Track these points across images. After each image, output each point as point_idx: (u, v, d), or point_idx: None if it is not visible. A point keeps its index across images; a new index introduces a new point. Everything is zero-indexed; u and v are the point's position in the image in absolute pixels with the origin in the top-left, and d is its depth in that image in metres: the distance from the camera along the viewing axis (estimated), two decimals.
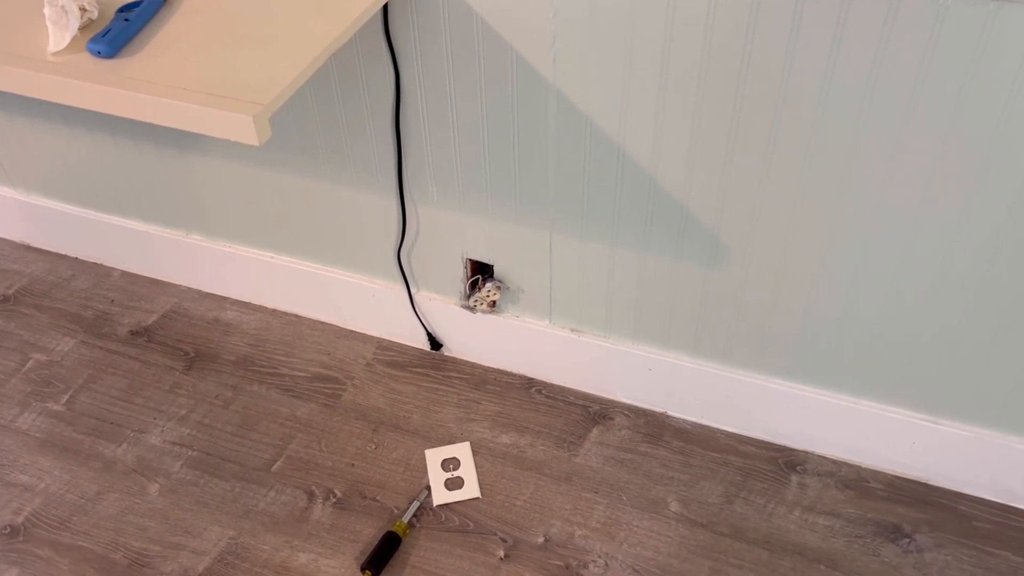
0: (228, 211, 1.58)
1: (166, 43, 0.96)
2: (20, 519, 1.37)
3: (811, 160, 1.10)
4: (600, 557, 1.29)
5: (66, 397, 1.55)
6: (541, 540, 1.32)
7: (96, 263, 1.81)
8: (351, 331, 1.64)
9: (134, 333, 1.66)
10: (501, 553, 1.30)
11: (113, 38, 0.93)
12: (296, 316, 1.68)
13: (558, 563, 1.29)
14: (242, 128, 0.86)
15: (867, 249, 1.16)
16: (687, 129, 1.13)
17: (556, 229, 1.32)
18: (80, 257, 1.82)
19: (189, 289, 1.74)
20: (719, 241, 1.23)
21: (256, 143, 0.86)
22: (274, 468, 1.42)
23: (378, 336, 1.63)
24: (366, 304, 1.59)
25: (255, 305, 1.71)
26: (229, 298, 1.72)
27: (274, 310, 1.70)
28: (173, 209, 1.63)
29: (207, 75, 0.91)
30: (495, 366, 1.56)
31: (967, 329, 1.19)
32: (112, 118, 1.53)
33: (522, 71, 1.16)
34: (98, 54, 0.92)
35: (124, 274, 1.78)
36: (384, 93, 1.26)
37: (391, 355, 1.60)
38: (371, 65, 1.24)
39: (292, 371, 1.58)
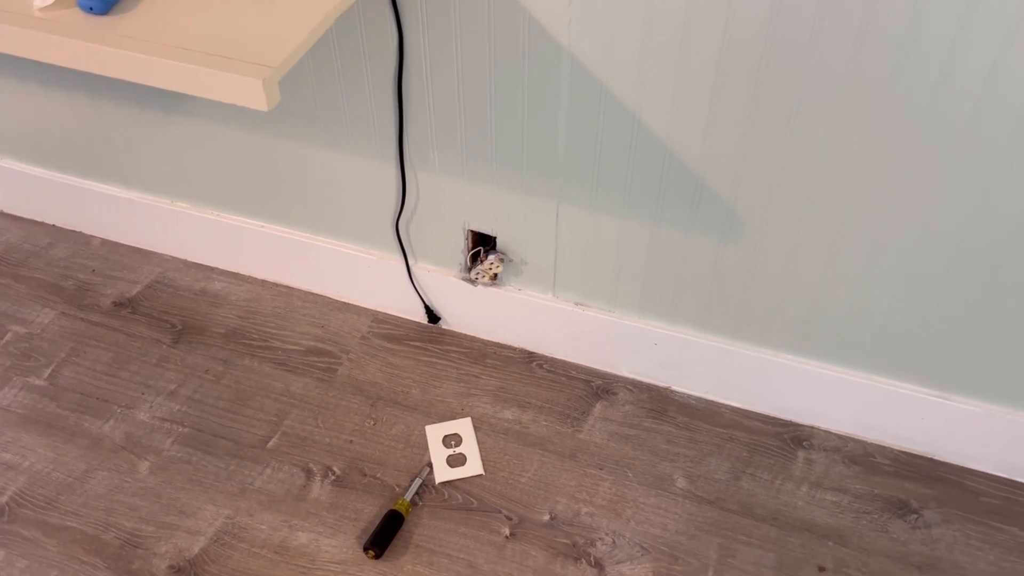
0: (216, 177, 1.51)
1: None
2: (4, 499, 1.31)
3: (834, 131, 1.06)
4: (607, 535, 1.27)
5: (48, 371, 1.48)
6: (547, 518, 1.29)
7: (75, 231, 1.74)
8: (345, 303, 1.59)
9: (118, 304, 1.60)
10: (506, 531, 1.27)
11: None
12: (287, 287, 1.63)
13: (565, 541, 1.26)
14: (250, 92, 0.80)
15: (886, 224, 1.13)
16: (707, 97, 1.08)
17: (564, 200, 1.28)
18: (58, 224, 1.75)
19: (174, 258, 1.68)
20: (734, 213, 1.19)
21: (265, 108, 0.80)
22: (269, 445, 1.38)
23: (373, 308, 1.58)
24: (361, 275, 1.54)
25: (243, 275, 1.65)
26: (216, 268, 1.66)
27: (263, 281, 1.64)
28: (157, 175, 1.56)
29: (209, 34, 0.85)
30: (495, 340, 1.53)
31: (984, 305, 1.17)
32: (91, 78, 1.45)
33: (535, 34, 1.10)
34: (90, 10, 0.86)
35: (105, 242, 1.71)
36: (386, 55, 1.20)
37: (387, 328, 1.55)
38: (373, 25, 1.18)
39: (285, 344, 1.53)
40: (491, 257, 1.39)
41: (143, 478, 1.34)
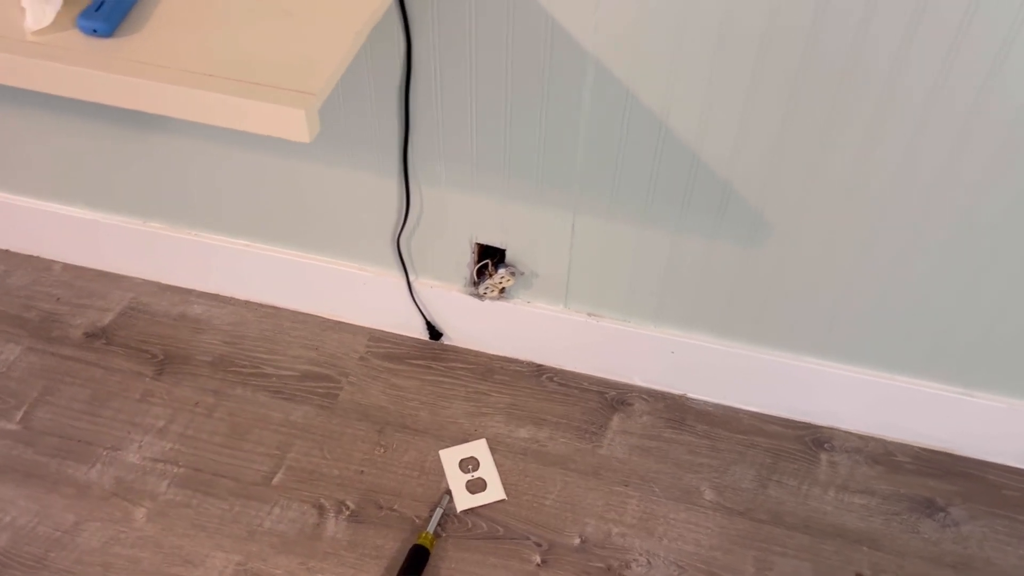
0: (194, 195, 1.41)
1: (173, 16, 0.80)
2: None
3: (871, 140, 1.03)
4: (641, 555, 1.23)
5: (20, 414, 1.36)
6: (577, 541, 1.24)
7: (32, 255, 1.60)
8: (337, 322, 1.51)
9: (90, 335, 1.48)
10: (537, 559, 1.22)
11: (109, 12, 0.77)
12: (273, 307, 1.53)
13: (599, 565, 1.22)
14: (291, 123, 0.72)
15: (917, 228, 1.11)
16: (740, 102, 1.04)
17: (581, 209, 1.22)
18: (12, 249, 1.61)
19: (146, 282, 1.57)
20: (761, 219, 1.15)
21: (307, 140, 0.72)
22: (275, 481, 1.30)
23: (368, 327, 1.50)
24: (355, 293, 1.45)
25: (224, 297, 1.55)
26: (194, 290, 1.55)
27: (247, 302, 1.54)
28: (128, 195, 1.45)
29: (231, 57, 0.76)
30: (501, 354, 1.47)
31: (1007, 301, 1.16)
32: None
33: (558, 39, 1.04)
34: (93, 32, 0.76)
35: (67, 267, 1.59)
36: (392, 64, 1.12)
37: (386, 347, 1.47)
38: (378, 32, 1.10)
39: (278, 370, 1.44)
40: (501, 271, 1.32)
41: (140, 526, 1.24)
